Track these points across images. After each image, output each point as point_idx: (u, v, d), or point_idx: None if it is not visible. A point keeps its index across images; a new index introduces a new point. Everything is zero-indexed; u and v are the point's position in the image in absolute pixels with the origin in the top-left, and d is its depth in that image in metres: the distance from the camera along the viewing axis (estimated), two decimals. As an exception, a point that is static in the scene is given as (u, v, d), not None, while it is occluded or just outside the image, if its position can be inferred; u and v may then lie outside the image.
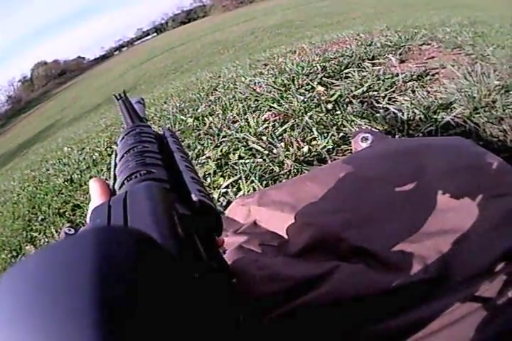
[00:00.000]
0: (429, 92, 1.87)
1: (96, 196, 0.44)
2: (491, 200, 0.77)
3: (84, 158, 3.27)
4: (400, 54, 2.51)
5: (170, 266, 0.23)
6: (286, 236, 0.88)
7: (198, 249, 0.34)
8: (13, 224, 2.64)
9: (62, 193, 2.63)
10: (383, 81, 2.10)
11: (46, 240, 2.13)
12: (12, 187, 3.80)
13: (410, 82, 2.03)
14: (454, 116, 1.53)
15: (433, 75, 2.08)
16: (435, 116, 1.57)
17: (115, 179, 0.47)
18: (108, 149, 3.12)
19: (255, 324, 0.41)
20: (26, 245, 2.22)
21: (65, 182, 2.83)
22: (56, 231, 2.12)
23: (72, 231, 0.40)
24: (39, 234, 2.24)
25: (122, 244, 0.21)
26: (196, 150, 1.99)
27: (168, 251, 0.24)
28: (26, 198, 3.02)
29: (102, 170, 2.74)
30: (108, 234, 0.22)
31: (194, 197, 0.40)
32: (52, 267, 0.20)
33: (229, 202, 1.41)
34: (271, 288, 0.72)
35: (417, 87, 1.94)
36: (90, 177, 2.26)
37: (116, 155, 0.52)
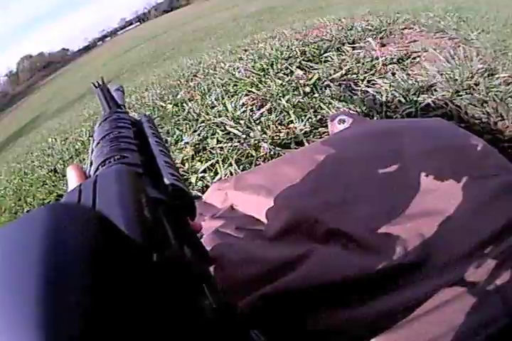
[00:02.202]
0: (409, 75, 1.85)
1: (72, 182, 0.44)
2: (474, 182, 0.75)
3: (67, 148, 3.27)
4: (381, 38, 2.51)
5: (124, 248, 0.22)
6: (262, 220, 0.87)
7: (166, 233, 0.33)
8: (0, 217, 2.62)
9: (46, 184, 2.61)
10: (363, 64, 2.09)
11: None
12: (-1, 181, 3.75)
13: (390, 65, 2.02)
14: (435, 98, 1.51)
15: (414, 58, 2.07)
16: (415, 98, 1.55)
17: (92, 165, 0.47)
18: (91, 138, 3.10)
19: (227, 309, 0.38)
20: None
21: (49, 173, 2.82)
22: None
23: None
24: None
25: (71, 225, 0.20)
26: (175, 136, 1.98)
27: (122, 232, 0.24)
28: (12, 191, 3.00)
29: (84, 159, 2.72)
30: (55, 215, 0.21)
31: (166, 181, 0.40)
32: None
33: (207, 186, 1.40)
34: (247, 271, 0.72)
35: (397, 70, 1.93)
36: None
37: (93, 140, 0.53)
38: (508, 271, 0.62)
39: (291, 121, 1.65)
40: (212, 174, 1.50)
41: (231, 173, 1.43)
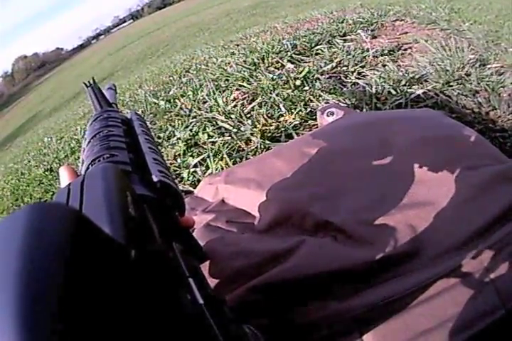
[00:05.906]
0: (400, 66, 1.85)
1: (64, 182, 0.45)
2: (465, 172, 0.75)
3: (62, 147, 3.26)
4: (372, 30, 2.50)
5: (101, 246, 0.22)
6: (253, 213, 0.87)
7: (151, 229, 0.34)
8: (-2, 218, 2.60)
9: (43, 183, 2.61)
10: (353, 56, 2.08)
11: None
12: (-4, 183, 3.73)
13: (381, 57, 2.02)
14: (426, 89, 1.51)
15: (405, 50, 2.07)
16: (406, 90, 1.55)
17: (83, 163, 0.48)
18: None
19: (214, 303, 0.38)
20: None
21: (45, 172, 2.82)
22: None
23: None
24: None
25: (47, 223, 0.20)
26: (167, 132, 1.98)
27: (100, 230, 0.24)
28: (10, 191, 2.99)
29: (79, 157, 2.70)
30: (32, 214, 0.21)
31: (154, 178, 0.41)
32: None
33: (198, 181, 1.41)
34: (237, 264, 0.71)
35: (388, 62, 1.93)
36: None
37: (85, 140, 0.54)
38: (503, 261, 0.62)
39: (281, 115, 1.65)
40: (203, 168, 1.50)
41: (222, 167, 1.44)
